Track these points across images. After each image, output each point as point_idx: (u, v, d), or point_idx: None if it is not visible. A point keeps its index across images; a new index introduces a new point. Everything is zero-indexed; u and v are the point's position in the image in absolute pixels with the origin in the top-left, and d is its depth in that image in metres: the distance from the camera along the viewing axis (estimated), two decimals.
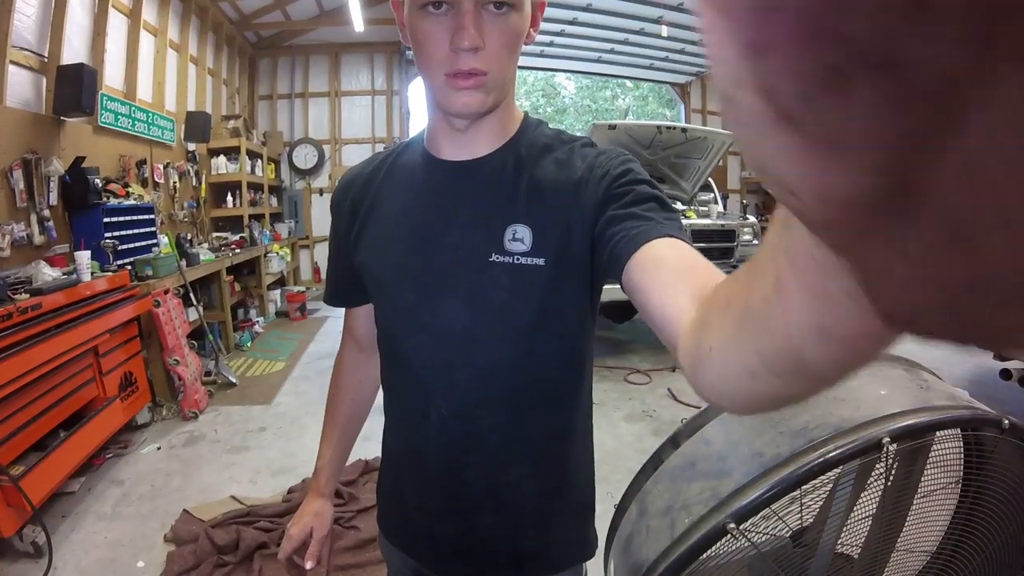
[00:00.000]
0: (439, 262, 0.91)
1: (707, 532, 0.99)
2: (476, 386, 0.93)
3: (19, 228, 3.94)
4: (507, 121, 0.94)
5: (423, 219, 0.94)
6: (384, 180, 1.00)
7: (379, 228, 0.98)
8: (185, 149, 6.95)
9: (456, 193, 0.92)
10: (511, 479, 0.98)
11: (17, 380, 2.77)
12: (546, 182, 0.89)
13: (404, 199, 0.97)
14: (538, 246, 0.86)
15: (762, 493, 0.97)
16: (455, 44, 0.77)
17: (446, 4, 0.77)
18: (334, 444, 1.20)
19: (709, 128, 7.94)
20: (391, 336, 1.00)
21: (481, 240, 0.89)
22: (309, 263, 10.26)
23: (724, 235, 6.08)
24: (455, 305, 0.91)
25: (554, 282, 0.87)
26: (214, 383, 5.07)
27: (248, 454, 3.86)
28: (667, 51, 9.05)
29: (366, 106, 10.19)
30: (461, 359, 0.93)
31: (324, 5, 9.32)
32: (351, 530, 2.95)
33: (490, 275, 0.88)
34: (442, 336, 0.93)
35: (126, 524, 3.03)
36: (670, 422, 4.14)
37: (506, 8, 0.79)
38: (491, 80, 0.81)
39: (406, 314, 0.95)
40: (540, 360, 0.93)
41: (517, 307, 0.89)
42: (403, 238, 0.95)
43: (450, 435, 0.96)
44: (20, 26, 4.22)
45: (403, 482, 1.07)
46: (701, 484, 1.10)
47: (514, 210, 0.88)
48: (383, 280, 0.97)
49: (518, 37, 0.82)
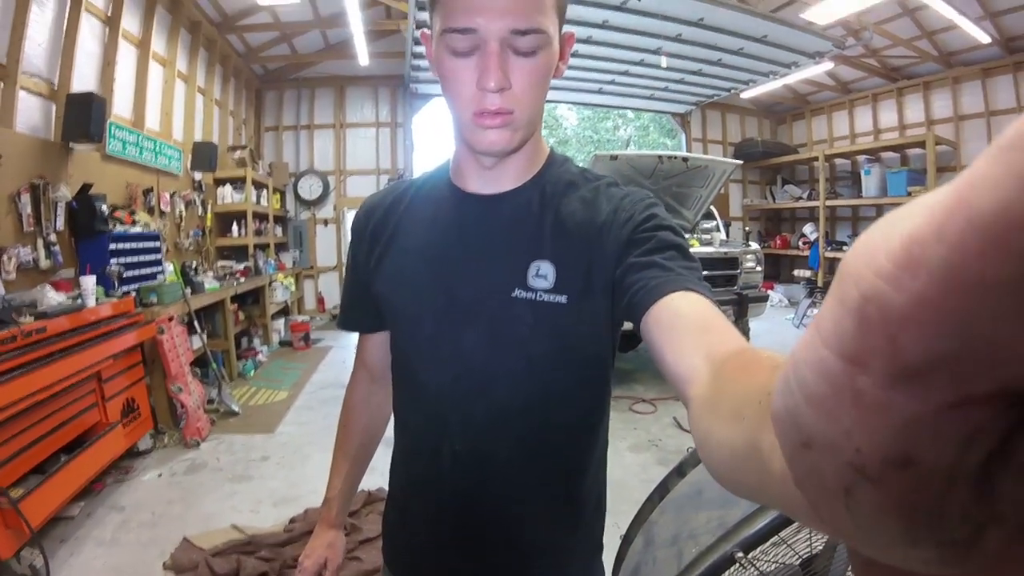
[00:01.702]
0: (461, 295, 0.91)
1: (715, 561, 0.98)
2: (493, 420, 0.92)
3: (25, 252, 3.97)
4: (534, 156, 0.94)
5: (446, 251, 0.93)
6: (406, 210, 1.00)
7: (401, 258, 0.97)
8: (192, 178, 7.03)
9: (481, 227, 0.92)
10: (524, 514, 0.97)
11: (19, 403, 2.77)
12: (571, 221, 0.89)
13: (427, 230, 0.96)
14: (561, 283, 0.86)
15: (770, 520, 0.95)
16: (481, 84, 0.78)
17: (473, 46, 0.78)
18: (345, 475, 1.17)
19: (710, 157, 8.00)
20: (408, 366, 0.99)
21: (505, 275, 0.89)
22: (313, 293, 10.28)
23: (727, 263, 6.09)
24: (476, 338, 0.90)
25: (575, 320, 0.87)
26: (217, 411, 5.05)
27: (250, 483, 3.82)
28: (667, 81, 9.14)
29: (370, 138, 10.31)
30: (479, 392, 0.92)
31: (330, 39, 9.49)
32: (353, 561, 2.91)
33: (513, 311, 0.88)
34: (461, 369, 0.92)
35: (125, 551, 2.99)
36: (676, 451, 4.11)
37: (533, 49, 0.78)
38: (518, 118, 0.82)
39: (425, 345, 0.94)
40: (558, 397, 0.93)
41: (538, 343, 0.89)
42: (425, 269, 0.94)
43: (464, 468, 0.94)
44: (31, 53, 4.31)
45: (413, 513, 1.05)
46: (708, 513, 1.09)
47: (538, 246, 0.88)
48: (403, 310, 0.97)
49: (546, 76, 0.82)
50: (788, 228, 12.76)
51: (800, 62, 7.85)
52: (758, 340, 7.47)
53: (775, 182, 12.61)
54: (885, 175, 9.55)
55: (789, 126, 12.66)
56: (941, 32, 8.40)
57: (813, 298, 9.13)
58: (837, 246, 10.53)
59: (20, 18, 4.11)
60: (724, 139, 12.30)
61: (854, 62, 9.53)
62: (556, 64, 0.84)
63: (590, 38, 7.35)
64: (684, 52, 7.41)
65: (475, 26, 0.75)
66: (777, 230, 12.85)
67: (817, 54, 7.58)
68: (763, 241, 11.93)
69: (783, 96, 11.73)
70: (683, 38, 6.95)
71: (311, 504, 3.45)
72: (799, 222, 12.11)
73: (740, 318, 5.98)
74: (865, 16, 7.48)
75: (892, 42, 8.60)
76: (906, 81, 9.89)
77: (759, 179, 12.85)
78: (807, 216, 11.85)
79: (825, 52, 7.55)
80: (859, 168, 10.50)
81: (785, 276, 12.07)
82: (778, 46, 7.29)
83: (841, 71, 10.17)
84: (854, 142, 10.96)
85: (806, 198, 11.61)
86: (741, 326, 6.40)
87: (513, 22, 0.75)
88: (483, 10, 0.75)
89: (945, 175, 9.28)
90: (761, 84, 9.07)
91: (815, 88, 11.27)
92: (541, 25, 0.77)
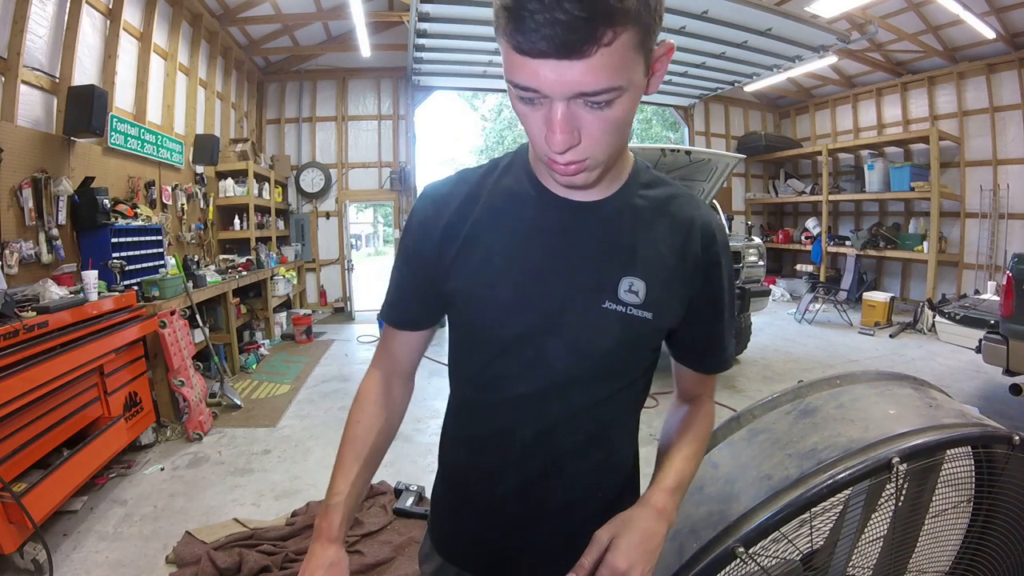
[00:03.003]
0: (549, 300, 0.91)
1: (716, 556, 0.98)
2: (566, 419, 0.96)
3: (27, 246, 3.97)
4: (621, 169, 0.94)
5: (534, 254, 0.92)
6: (486, 205, 0.96)
7: (484, 257, 0.94)
8: (193, 171, 7.02)
9: (570, 233, 0.92)
10: (580, 500, 1.01)
11: (22, 397, 2.77)
12: (661, 242, 0.93)
13: (512, 229, 0.94)
14: (649, 301, 0.90)
15: (771, 516, 0.95)
16: (549, 143, 0.74)
17: (538, 97, 0.72)
18: (353, 478, 1.01)
19: (713, 150, 7.97)
20: (483, 360, 0.99)
21: (594, 285, 0.90)
22: (315, 286, 10.29)
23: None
24: (560, 345, 0.92)
25: (655, 336, 0.95)
26: (219, 405, 5.06)
27: (252, 476, 3.83)
28: (670, 74, 9.10)
29: (372, 130, 10.29)
30: (556, 395, 0.95)
31: (332, 31, 9.47)
32: (355, 555, 2.92)
33: (602, 321, 0.90)
34: (542, 373, 0.93)
35: (128, 544, 3.01)
36: None
37: (608, 101, 0.71)
38: (592, 164, 0.79)
39: (508, 347, 0.94)
40: (626, 401, 1.01)
41: (622, 355, 0.94)
42: (512, 271, 0.92)
43: (531, 459, 0.98)
44: (32, 46, 4.30)
45: (475, 499, 1.06)
46: (709, 508, 1.09)
47: (630, 261, 0.91)
48: (486, 310, 0.95)
49: (624, 121, 0.76)
50: (791, 223, 12.73)
51: (804, 56, 7.81)
52: (760, 334, 7.48)
53: (778, 176, 12.59)
54: (888, 170, 9.52)
55: (792, 120, 12.61)
56: (946, 27, 8.36)
57: (815, 293, 9.11)
58: (839, 241, 10.51)
59: (21, 12, 4.11)
60: (727, 133, 12.25)
61: (858, 56, 9.48)
62: (643, 90, 0.77)
63: None
64: (688, 45, 7.36)
65: (538, 86, 0.70)
66: (780, 224, 12.83)
67: (821, 48, 7.54)
68: (765, 235, 11.92)
69: (787, 90, 11.68)
70: (687, 31, 6.92)
71: (313, 497, 3.46)
72: (802, 217, 12.08)
73: (742, 312, 5.98)
74: (870, 10, 7.44)
75: (897, 36, 8.55)
76: (910, 76, 9.84)
77: (762, 173, 12.83)
78: (810, 211, 11.82)
79: (829, 46, 7.50)
80: (862, 163, 10.47)
81: (787, 271, 12.07)
82: (782, 39, 7.25)
83: (845, 65, 10.13)
84: (858, 137, 10.92)
85: (809, 192, 11.58)
86: (743, 320, 6.41)
87: (581, 86, 0.69)
88: (546, 72, 0.68)
89: (948, 170, 9.25)
90: (765, 77, 9.02)
91: (819, 82, 11.22)
92: (615, 83, 0.70)
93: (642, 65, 0.73)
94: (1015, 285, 4.21)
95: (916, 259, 9.41)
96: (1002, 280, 4.39)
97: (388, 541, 3.05)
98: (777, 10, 6.76)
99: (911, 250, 9.31)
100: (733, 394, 5.44)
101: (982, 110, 8.92)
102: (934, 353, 6.92)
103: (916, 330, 8.14)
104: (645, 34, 0.69)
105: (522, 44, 0.66)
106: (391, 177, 10.13)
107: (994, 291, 6.14)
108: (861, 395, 1.04)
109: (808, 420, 1.04)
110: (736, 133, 12.32)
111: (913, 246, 9.28)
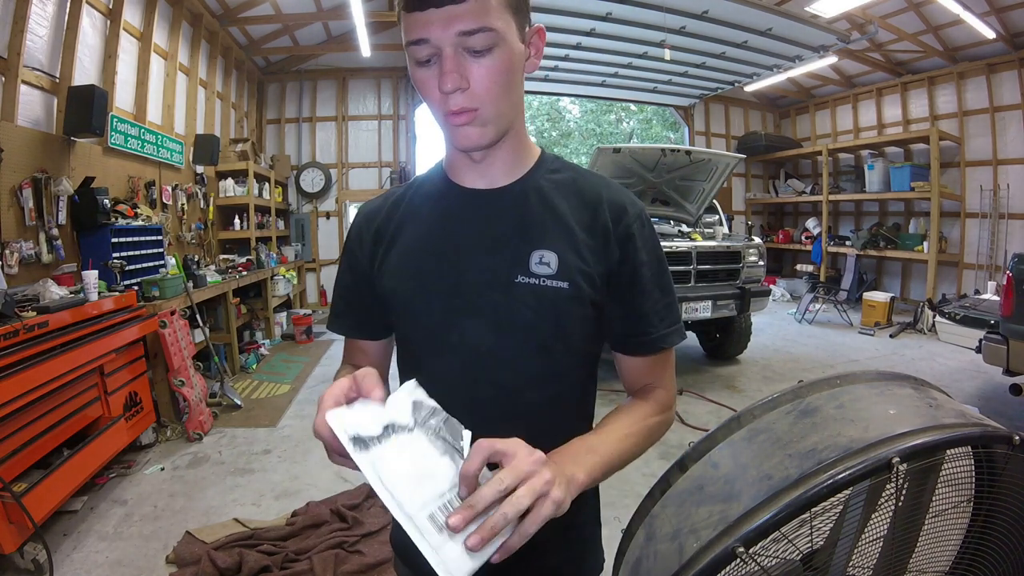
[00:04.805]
0: (465, 283, 0.95)
1: (716, 556, 0.97)
2: (498, 403, 0.96)
3: (27, 246, 3.97)
4: (522, 153, 1.00)
5: (448, 242, 0.97)
6: (407, 208, 1.04)
7: (404, 252, 1.00)
8: (193, 171, 7.03)
9: (480, 218, 0.97)
10: None
11: (22, 397, 2.77)
12: (569, 216, 0.96)
13: (429, 224, 1.00)
14: (562, 272, 0.93)
15: (771, 516, 0.95)
16: (440, 87, 0.83)
17: (432, 54, 0.83)
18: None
19: (713, 150, 7.98)
20: (415, 356, 1.02)
21: (507, 263, 0.94)
22: (315, 286, 10.30)
23: (730, 257, 6.08)
24: (481, 325, 0.94)
25: (573, 306, 0.94)
26: (219, 405, 5.06)
27: (252, 476, 3.84)
28: (670, 74, 9.13)
29: (372, 131, 10.30)
30: (485, 378, 0.96)
31: (332, 31, 9.47)
32: (355, 555, 2.92)
33: (516, 295, 0.93)
34: (468, 356, 0.96)
35: (128, 544, 3.01)
36: (677, 445, 4.10)
37: (487, 47, 0.82)
38: (484, 115, 0.86)
39: (432, 334, 0.98)
40: (558, 378, 0.99)
41: (542, 326, 0.94)
42: (429, 260, 0.98)
43: None
44: (32, 47, 4.31)
45: None
46: (709, 508, 1.08)
47: (540, 236, 0.95)
48: (410, 301, 0.99)
49: (506, 71, 0.85)
50: (791, 223, 12.74)
51: (804, 56, 7.83)
52: (760, 334, 7.48)
53: (778, 176, 12.60)
54: (888, 170, 9.52)
55: (793, 120, 12.61)
56: (946, 27, 8.36)
57: (815, 292, 9.11)
58: (840, 241, 10.51)
59: (21, 11, 4.11)
60: (727, 133, 12.27)
61: (858, 56, 9.48)
62: (523, 59, 0.89)
63: (593, 31, 7.33)
64: (688, 45, 7.39)
65: (427, 36, 0.81)
66: (780, 224, 12.84)
67: (822, 48, 7.55)
68: (765, 235, 11.92)
69: (787, 90, 11.69)
70: (687, 31, 6.93)
71: (313, 497, 3.46)
72: (802, 216, 12.08)
73: (742, 312, 5.98)
74: (870, 10, 7.44)
75: (897, 36, 8.55)
76: (911, 76, 9.84)
77: (762, 173, 12.84)
78: (810, 211, 11.82)
79: (830, 46, 7.52)
80: (863, 163, 10.47)
81: (787, 271, 12.08)
82: (782, 39, 7.27)
83: (845, 65, 10.13)
84: (858, 137, 10.93)
85: (809, 192, 11.59)
86: (743, 320, 6.41)
87: (460, 25, 0.80)
88: (431, 20, 0.80)
89: (948, 170, 9.25)
90: (765, 77, 9.04)
91: (819, 82, 11.23)
92: (488, 23, 0.81)
93: (514, 27, 0.85)
94: (1015, 285, 4.21)
95: (916, 259, 9.42)
96: (1002, 280, 4.40)
97: (388, 541, 3.05)
98: (777, 10, 6.77)
99: (911, 250, 9.31)
100: (733, 394, 5.45)
101: (982, 110, 8.92)
102: (934, 353, 6.92)
103: (916, 330, 8.14)
104: (512, 2, 0.84)
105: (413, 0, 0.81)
106: (391, 177, 10.14)
107: (994, 291, 6.14)
108: (861, 395, 1.03)
109: (808, 420, 1.03)
110: (736, 133, 12.33)
111: (913, 246, 9.29)
